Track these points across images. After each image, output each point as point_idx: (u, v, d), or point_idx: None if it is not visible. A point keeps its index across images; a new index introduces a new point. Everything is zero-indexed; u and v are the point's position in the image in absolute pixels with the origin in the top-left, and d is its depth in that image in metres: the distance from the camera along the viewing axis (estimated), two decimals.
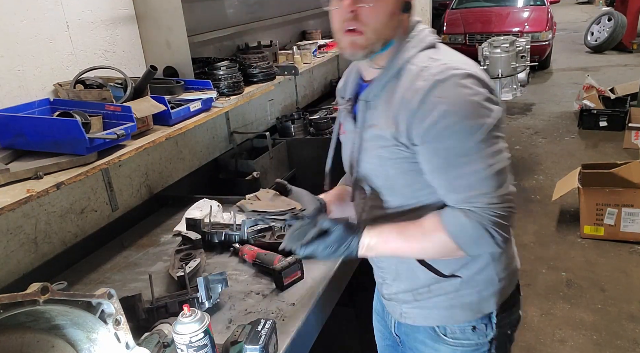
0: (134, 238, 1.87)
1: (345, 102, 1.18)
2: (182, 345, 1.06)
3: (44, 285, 0.87)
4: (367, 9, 0.99)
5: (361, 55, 1.04)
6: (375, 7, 0.99)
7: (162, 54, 2.01)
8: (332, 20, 1.05)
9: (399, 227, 1.08)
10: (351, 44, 1.03)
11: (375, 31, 1.00)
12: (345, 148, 1.24)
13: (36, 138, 1.41)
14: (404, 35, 1.05)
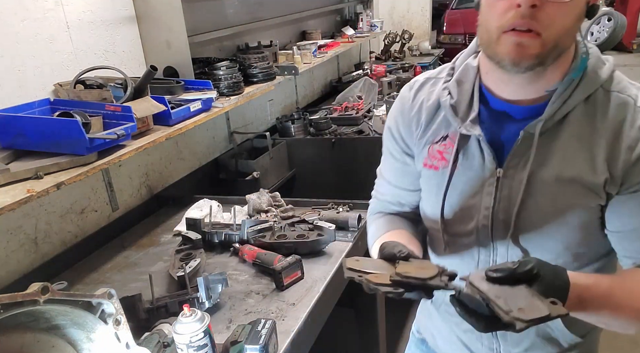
0: (134, 238, 1.87)
1: (469, 125, 0.89)
2: (182, 345, 1.06)
3: (44, 285, 0.87)
4: (555, 6, 0.75)
5: (528, 65, 0.79)
6: (568, 4, 0.75)
7: (162, 54, 2.01)
8: (486, 12, 0.81)
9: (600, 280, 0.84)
10: (518, 46, 0.77)
11: (557, 37, 0.77)
12: (466, 187, 0.93)
13: (36, 138, 1.41)
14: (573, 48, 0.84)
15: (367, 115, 3.10)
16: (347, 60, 4.34)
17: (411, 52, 4.88)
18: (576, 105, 0.83)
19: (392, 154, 1.06)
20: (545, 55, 0.78)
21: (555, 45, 0.78)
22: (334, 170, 2.74)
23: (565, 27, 0.77)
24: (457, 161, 0.92)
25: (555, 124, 0.84)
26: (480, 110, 0.91)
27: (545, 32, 0.76)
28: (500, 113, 0.90)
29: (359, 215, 1.72)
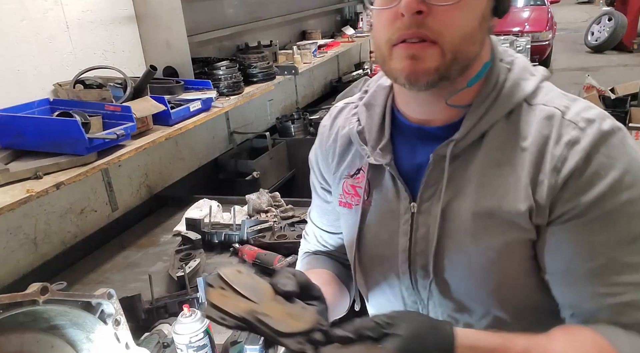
0: (133, 238, 1.87)
1: (379, 154, 0.78)
2: (182, 345, 1.06)
3: (43, 285, 0.87)
4: (446, 9, 0.63)
5: (428, 80, 0.66)
6: (460, 4, 0.63)
7: (162, 53, 2.01)
8: (375, 25, 0.70)
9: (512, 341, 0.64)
10: (412, 60, 0.65)
11: (457, 44, 0.64)
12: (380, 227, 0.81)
13: (36, 138, 1.41)
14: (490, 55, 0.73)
15: None
16: (347, 60, 4.34)
17: None
18: (495, 122, 0.70)
19: (315, 190, 0.95)
20: (447, 66, 0.65)
21: (457, 53, 0.65)
22: None
23: (465, 31, 0.65)
24: (370, 197, 0.80)
25: (470, 145, 0.71)
26: (392, 135, 0.79)
27: (441, 39, 0.64)
28: (413, 137, 0.77)
29: None
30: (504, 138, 0.70)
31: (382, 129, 0.80)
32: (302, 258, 1.01)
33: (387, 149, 0.78)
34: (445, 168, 0.72)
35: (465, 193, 0.71)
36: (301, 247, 1.04)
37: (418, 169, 0.76)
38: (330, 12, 3.99)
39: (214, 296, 0.62)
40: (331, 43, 3.43)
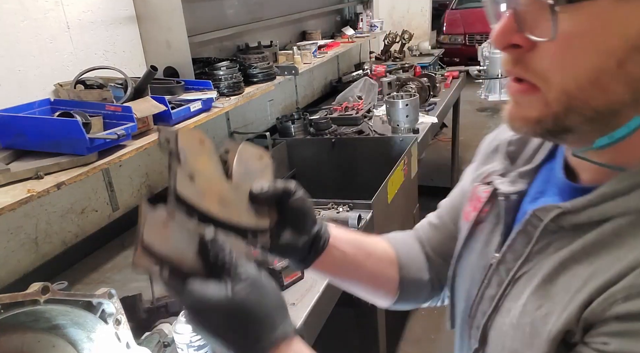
0: (134, 238, 1.87)
1: (512, 178, 0.64)
2: (183, 345, 1.06)
3: (44, 285, 0.87)
4: (550, 44, 0.46)
5: (529, 132, 0.53)
6: (564, 45, 0.46)
7: (163, 54, 2.01)
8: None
9: None
10: (513, 106, 0.53)
11: (569, 91, 0.47)
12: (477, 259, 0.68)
13: (37, 138, 1.41)
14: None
15: (367, 115, 3.10)
16: (347, 61, 4.35)
17: (411, 52, 4.88)
18: (633, 210, 0.49)
19: (463, 177, 0.84)
20: (556, 118, 0.49)
21: (572, 103, 0.47)
22: (334, 170, 2.74)
23: (585, 74, 0.46)
24: (486, 219, 0.67)
25: (583, 225, 0.52)
26: (543, 164, 0.63)
27: (544, 85, 0.48)
28: (554, 180, 0.60)
29: (359, 215, 1.72)
30: (625, 237, 0.48)
31: (539, 148, 0.64)
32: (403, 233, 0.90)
33: (527, 176, 0.63)
34: (533, 237, 0.56)
35: (534, 277, 0.55)
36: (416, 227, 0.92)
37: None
38: (330, 12, 3.99)
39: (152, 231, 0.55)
40: (331, 43, 3.43)
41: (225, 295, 0.52)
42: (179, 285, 0.53)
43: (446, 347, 2.69)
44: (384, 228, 2.02)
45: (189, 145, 0.61)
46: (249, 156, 0.67)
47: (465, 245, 0.71)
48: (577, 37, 0.45)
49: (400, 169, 2.24)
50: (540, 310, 0.53)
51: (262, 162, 0.68)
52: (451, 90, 3.71)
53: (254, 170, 0.67)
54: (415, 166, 2.56)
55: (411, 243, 0.86)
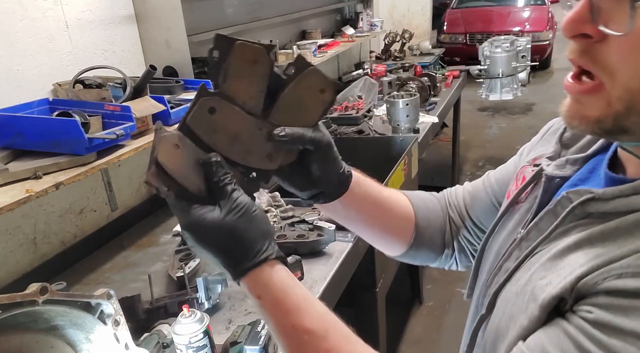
0: (133, 238, 1.87)
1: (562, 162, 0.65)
2: (182, 346, 1.06)
3: (43, 285, 0.87)
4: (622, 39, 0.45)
5: (586, 131, 0.54)
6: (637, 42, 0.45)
7: (162, 53, 2.00)
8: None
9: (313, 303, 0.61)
10: (572, 103, 0.52)
11: (635, 91, 0.46)
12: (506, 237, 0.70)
13: (35, 138, 1.40)
14: None
15: (367, 114, 3.09)
16: (347, 60, 4.34)
17: (411, 51, 4.87)
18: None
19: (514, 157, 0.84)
20: (615, 118, 0.48)
21: (634, 108, 0.47)
22: None
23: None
24: (525, 199, 0.68)
25: (611, 214, 0.52)
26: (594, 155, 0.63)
27: (610, 81, 0.47)
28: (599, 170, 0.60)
29: None
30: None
31: (596, 140, 0.63)
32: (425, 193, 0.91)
33: (576, 164, 0.63)
34: (560, 217, 0.56)
35: (545, 254, 0.57)
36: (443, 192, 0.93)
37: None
38: (330, 11, 3.99)
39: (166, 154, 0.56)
40: (331, 43, 3.43)
41: (219, 218, 0.58)
42: (182, 206, 0.58)
43: (446, 347, 2.69)
44: None
45: (238, 63, 0.59)
46: (309, 85, 0.64)
47: (500, 221, 0.72)
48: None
49: (400, 169, 2.24)
50: (543, 280, 0.54)
51: (321, 97, 0.65)
52: (452, 89, 3.70)
53: (305, 104, 0.64)
54: (416, 166, 2.56)
55: (430, 201, 0.87)
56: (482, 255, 0.75)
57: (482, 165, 4.97)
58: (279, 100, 0.63)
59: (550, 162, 0.66)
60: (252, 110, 0.62)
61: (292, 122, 0.64)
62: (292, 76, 0.64)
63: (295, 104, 0.64)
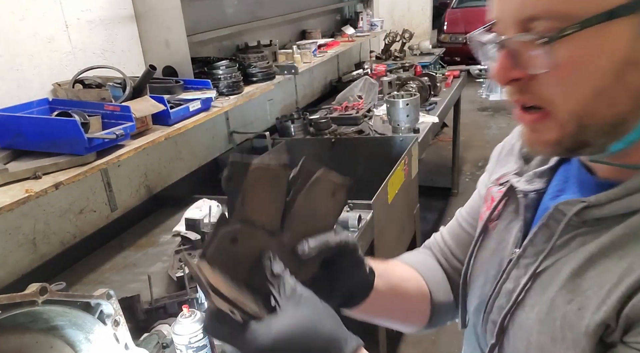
0: (133, 238, 1.87)
1: (529, 177, 0.66)
2: (182, 346, 1.06)
3: (42, 285, 0.86)
4: (546, 75, 0.50)
5: (552, 153, 0.58)
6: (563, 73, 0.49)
7: (161, 53, 2.00)
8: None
9: None
10: (529, 133, 0.55)
11: (577, 111, 0.50)
12: (491, 257, 0.70)
13: (35, 138, 1.40)
14: None
15: (367, 114, 3.09)
16: (347, 60, 4.34)
17: (411, 51, 4.87)
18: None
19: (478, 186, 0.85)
20: (573, 136, 0.51)
21: (584, 121, 0.50)
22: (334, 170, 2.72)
23: (587, 94, 0.49)
24: (498, 218, 0.69)
25: (609, 219, 0.53)
26: (559, 165, 0.65)
27: (553, 108, 0.51)
28: (576, 175, 0.62)
29: (359, 215, 1.71)
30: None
31: None
32: (418, 251, 0.91)
33: (544, 175, 0.65)
34: (556, 231, 0.57)
35: (561, 272, 0.56)
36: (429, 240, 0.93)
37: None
38: (330, 11, 3.98)
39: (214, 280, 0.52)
40: (331, 42, 3.42)
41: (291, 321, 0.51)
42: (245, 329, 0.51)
43: (446, 348, 2.69)
44: (384, 228, 2.01)
45: (255, 186, 0.57)
46: (321, 190, 0.62)
47: (479, 244, 0.72)
48: (572, 65, 0.48)
49: (400, 169, 2.23)
50: (572, 304, 0.53)
51: (334, 199, 0.62)
52: (452, 89, 3.70)
53: (320, 209, 0.61)
54: (416, 166, 2.56)
55: (434, 266, 0.85)
56: (466, 281, 0.74)
57: (482, 165, 4.97)
58: (293, 213, 0.60)
59: (519, 178, 0.67)
60: (272, 230, 0.58)
61: (310, 231, 0.60)
62: (300, 184, 0.61)
63: (310, 212, 0.61)
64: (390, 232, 2.17)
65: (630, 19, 0.46)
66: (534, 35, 0.48)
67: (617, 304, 0.49)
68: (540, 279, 0.59)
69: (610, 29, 0.46)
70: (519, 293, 0.60)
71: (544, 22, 0.48)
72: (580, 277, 0.54)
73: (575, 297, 0.53)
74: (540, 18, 0.48)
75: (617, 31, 0.47)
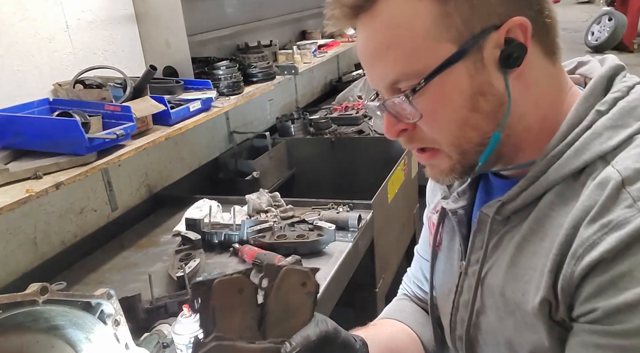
0: (133, 238, 1.87)
1: (454, 198, 0.74)
2: (182, 346, 1.06)
3: (43, 285, 0.87)
4: (422, 123, 0.61)
5: (451, 179, 0.66)
6: (430, 117, 0.60)
7: (162, 53, 2.00)
8: None
9: None
10: (429, 168, 0.67)
11: (454, 143, 0.61)
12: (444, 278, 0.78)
13: (35, 138, 1.40)
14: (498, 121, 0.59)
15: (367, 114, 3.10)
16: (347, 60, 4.34)
17: None
18: (555, 183, 0.59)
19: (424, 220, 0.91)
20: (461, 162, 0.62)
21: (461, 148, 0.61)
22: (334, 170, 2.74)
23: (456, 128, 0.59)
24: (441, 242, 0.78)
25: (523, 209, 0.62)
26: (479, 179, 0.74)
27: (438, 145, 0.62)
28: (491, 184, 0.72)
29: (359, 215, 1.71)
30: (557, 205, 0.58)
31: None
32: (395, 300, 1.00)
33: (466, 193, 0.73)
34: (486, 231, 0.65)
35: (500, 267, 0.63)
36: (401, 286, 1.02)
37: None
38: None
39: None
40: (331, 43, 3.43)
41: None
42: None
43: None
44: (383, 228, 2.01)
45: (223, 300, 0.58)
46: (290, 286, 0.62)
47: (433, 271, 0.80)
48: (433, 110, 0.59)
49: (400, 169, 2.24)
50: (517, 293, 0.60)
51: (305, 290, 0.64)
52: None
53: (294, 305, 0.63)
54: (416, 166, 2.56)
55: (412, 310, 0.93)
56: (433, 306, 0.80)
57: None
58: (268, 316, 0.61)
59: (447, 201, 0.75)
60: (251, 338, 0.59)
61: (288, 329, 0.61)
62: (269, 287, 0.61)
63: (284, 311, 0.62)
64: (390, 232, 2.18)
65: (462, 62, 0.56)
66: (399, 94, 0.59)
67: (549, 280, 0.56)
68: (486, 281, 0.66)
69: (450, 75, 0.57)
70: (473, 301, 0.67)
71: (405, 83, 0.58)
72: (516, 266, 0.61)
73: (517, 286, 0.60)
74: (400, 80, 0.59)
75: (456, 74, 0.57)
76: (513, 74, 0.58)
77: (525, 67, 0.58)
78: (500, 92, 0.58)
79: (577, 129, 0.59)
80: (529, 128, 0.61)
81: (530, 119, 0.61)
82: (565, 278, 0.54)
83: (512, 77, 0.58)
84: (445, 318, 0.75)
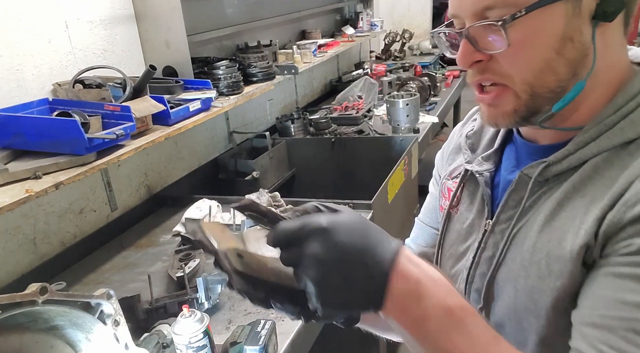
0: (133, 238, 1.87)
1: (479, 162, 0.76)
2: (182, 346, 1.06)
3: (42, 285, 0.86)
4: (503, 53, 0.60)
5: (510, 123, 0.66)
6: (517, 50, 0.59)
7: (162, 53, 2.00)
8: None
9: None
10: (489, 109, 0.66)
11: (529, 82, 0.61)
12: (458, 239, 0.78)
13: (35, 138, 1.40)
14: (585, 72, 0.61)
15: (367, 114, 3.10)
16: (347, 60, 4.34)
17: (411, 51, 4.87)
18: (603, 150, 0.61)
19: (430, 187, 0.94)
20: (527, 105, 0.62)
21: (534, 90, 0.61)
22: (334, 170, 2.74)
23: (537, 67, 0.59)
24: (459, 204, 0.79)
25: (566, 172, 0.63)
26: (505, 145, 0.76)
27: (510, 82, 0.61)
28: (522, 150, 0.72)
29: None
30: (602, 169, 0.60)
31: (496, 136, 0.77)
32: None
33: (491, 158, 0.76)
34: (527, 191, 0.66)
35: (534, 223, 0.65)
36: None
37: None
38: (330, 11, 3.98)
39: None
40: (331, 43, 3.43)
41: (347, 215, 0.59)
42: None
43: None
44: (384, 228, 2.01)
45: (214, 233, 0.59)
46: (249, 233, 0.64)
47: (445, 229, 0.81)
48: (523, 43, 0.59)
49: (400, 169, 2.23)
50: (552, 241, 0.62)
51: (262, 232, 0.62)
52: (452, 89, 3.70)
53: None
54: (416, 166, 2.56)
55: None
56: (439, 266, 0.81)
57: None
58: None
59: (471, 164, 0.77)
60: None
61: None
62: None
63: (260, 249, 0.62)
64: (390, 232, 2.16)
65: (563, 2, 0.57)
66: (492, 19, 0.58)
67: (593, 225, 0.58)
68: (516, 238, 0.67)
69: (550, 11, 0.57)
70: (499, 257, 0.68)
71: (497, 11, 0.58)
72: (554, 219, 0.63)
73: (553, 235, 0.62)
74: (495, 7, 0.58)
75: (555, 12, 0.57)
76: (599, 29, 0.59)
77: (609, 27, 0.60)
78: (587, 43, 0.59)
79: (632, 102, 0.61)
80: (595, 88, 0.62)
81: (599, 80, 0.62)
82: (611, 224, 0.56)
83: (597, 32, 0.59)
84: (453, 277, 0.77)
